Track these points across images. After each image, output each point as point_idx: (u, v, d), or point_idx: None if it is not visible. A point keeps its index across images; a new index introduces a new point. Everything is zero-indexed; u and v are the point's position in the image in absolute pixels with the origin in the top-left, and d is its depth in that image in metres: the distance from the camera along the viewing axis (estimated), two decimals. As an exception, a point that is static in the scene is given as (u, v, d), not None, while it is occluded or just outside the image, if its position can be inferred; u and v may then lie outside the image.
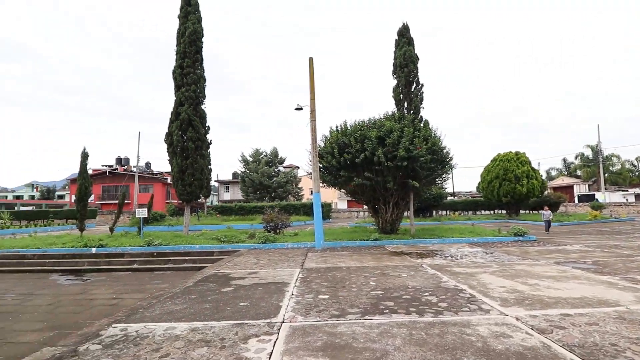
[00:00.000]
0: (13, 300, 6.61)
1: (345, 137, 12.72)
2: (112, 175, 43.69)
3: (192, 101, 14.17)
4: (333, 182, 14.08)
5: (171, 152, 14.29)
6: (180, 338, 3.55)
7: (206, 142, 14.74)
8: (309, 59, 12.72)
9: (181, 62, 14.40)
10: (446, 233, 13.53)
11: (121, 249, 11.07)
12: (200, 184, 14.29)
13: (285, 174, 43.18)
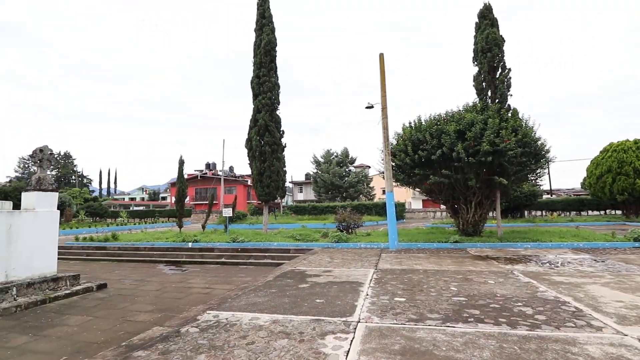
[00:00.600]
0: (130, 285, 7.85)
1: (419, 133, 12.21)
2: (203, 178, 48.91)
3: (268, 108, 15.11)
4: (407, 181, 13.63)
5: (251, 156, 15.44)
6: (264, 328, 3.85)
7: (281, 145, 15.57)
8: (379, 55, 12.54)
9: (258, 72, 15.46)
10: (542, 236, 12.02)
11: (211, 244, 12.34)
12: (277, 185, 15.15)
13: (356, 173, 43.17)
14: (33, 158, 7.37)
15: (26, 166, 61.29)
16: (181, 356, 3.17)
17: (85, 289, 7.12)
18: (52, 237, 7.14)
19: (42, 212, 6.96)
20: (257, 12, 15.88)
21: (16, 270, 6.38)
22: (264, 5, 15.77)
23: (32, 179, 7.23)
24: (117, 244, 13.51)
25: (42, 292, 6.55)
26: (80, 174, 69.34)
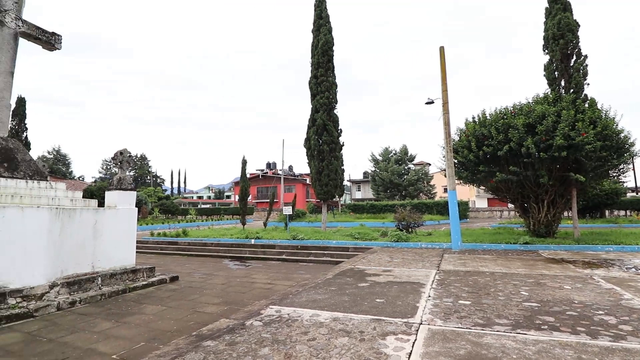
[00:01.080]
0: (199, 278, 8.44)
1: (484, 128, 11.33)
2: (264, 178, 51.13)
3: (326, 107, 15.21)
4: (470, 178, 12.75)
5: (309, 156, 15.69)
6: (324, 325, 3.83)
7: (339, 144, 15.58)
8: (440, 48, 11.89)
9: (315, 72, 15.65)
10: (626, 238, 10.45)
11: (272, 242, 12.79)
12: (335, 183, 15.19)
13: (416, 171, 41.64)
14: (114, 160, 8.26)
15: (108, 167, 69.81)
16: (246, 348, 3.27)
17: (159, 281, 7.81)
18: (131, 232, 7.95)
19: (122, 210, 7.79)
20: (314, 13, 16.09)
21: (101, 262, 7.21)
22: (320, 6, 15.93)
23: (113, 179, 8.12)
24: (187, 239, 14.67)
25: (123, 283, 7.32)
26: (154, 174, 76.93)
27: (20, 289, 5.66)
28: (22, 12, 7.31)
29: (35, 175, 7.08)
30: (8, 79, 7.02)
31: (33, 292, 5.78)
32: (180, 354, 3.22)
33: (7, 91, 7.02)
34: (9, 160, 6.76)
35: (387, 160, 42.78)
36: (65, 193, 7.22)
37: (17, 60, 7.24)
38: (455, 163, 12.22)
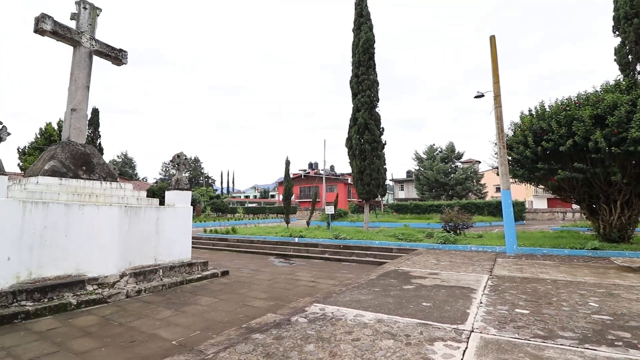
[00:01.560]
0: (247, 274, 8.83)
1: (542, 121, 10.50)
2: (306, 177, 51.94)
3: (367, 106, 15.09)
4: (527, 176, 11.89)
5: (351, 155, 15.67)
6: (368, 326, 3.83)
7: (381, 143, 15.37)
8: (490, 38, 11.24)
9: (356, 71, 15.59)
10: None
11: (315, 240, 12.97)
12: (377, 183, 15.02)
13: (464, 169, 39.70)
14: (172, 162, 8.92)
15: (167, 169, 75.19)
16: (292, 343, 3.39)
17: (212, 275, 8.30)
18: (187, 228, 8.53)
19: (180, 208, 8.38)
20: (354, 12, 16.03)
21: (162, 256, 7.83)
22: (361, 4, 15.83)
23: (172, 180, 8.77)
24: (235, 236, 15.38)
25: (180, 275, 7.89)
26: (206, 175, 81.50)
27: (96, 277, 6.36)
28: (95, 32, 8.17)
29: (107, 177, 7.89)
30: (85, 92, 7.89)
31: (106, 280, 6.46)
32: (232, 344, 3.42)
33: (84, 103, 7.90)
34: (86, 164, 7.61)
35: (432, 159, 41.27)
36: (132, 193, 7.96)
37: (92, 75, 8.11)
38: (510, 160, 11.48)
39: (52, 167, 6.98)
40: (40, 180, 6.64)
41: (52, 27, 7.26)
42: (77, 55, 7.84)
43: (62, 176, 7.00)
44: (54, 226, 6.09)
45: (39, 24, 7.14)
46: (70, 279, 6.08)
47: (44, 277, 5.91)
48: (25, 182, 6.73)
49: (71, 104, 7.74)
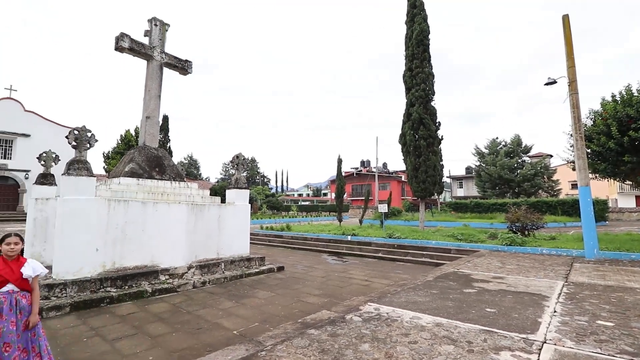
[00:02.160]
0: (301, 270, 9.03)
1: (629, 107, 9.22)
2: (358, 175, 51.60)
3: (422, 100, 14.52)
4: (610, 171, 10.53)
5: (405, 152, 15.20)
6: (426, 329, 3.69)
7: (437, 138, 14.69)
8: (563, 17, 10.10)
9: (410, 64, 15.06)
10: None
11: (368, 239, 12.84)
12: (433, 180, 14.38)
13: (532, 165, 36.28)
14: (232, 163, 9.42)
15: (227, 170, 79.85)
16: (347, 341, 3.39)
17: (268, 270, 8.63)
18: (246, 225, 8.96)
19: (239, 205, 8.83)
20: (407, 4, 15.49)
21: (223, 250, 8.32)
22: (414, -6, 15.23)
23: (232, 179, 9.27)
24: (290, 233, 15.82)
25: (240, 269, 8.32)
26: (262, 174, 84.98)
27: (168, 268, 6.99)
28: (164, 46, 8.93)
29: (176, 177, 8.61)
30: (157, 101, 8.69)
31: (176, 271, 7.06)
32: (288, 338, 3.52)
33: (156, 111, 8.71)
34: (159, 166, 8.39)
35: (495, 153, 38.33)
36: (197, 191, 8.59)
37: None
38: (589, 153, 10.27)
39: (131, 169, 7.80)
40: (122, 180, 7.45)
41: (129, 45, 8.09)
42: (150, 68, 8.65)
43: (139, 177, 7.79)
44: (133, 221, 6.82)
45: (118, 42, 8.00)
46: (146, 269, 6.76)
47: (125, 267, 6.64)
48: (110, 183, 7.60)
49: (146, 112, 8.57)
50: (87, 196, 6.25)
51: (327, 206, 44.98)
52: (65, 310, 5.28)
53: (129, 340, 4.25)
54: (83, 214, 6.13)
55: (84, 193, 6.21)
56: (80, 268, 6.04)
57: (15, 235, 3.03)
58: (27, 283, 3.00)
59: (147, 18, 8.93)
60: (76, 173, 6.16)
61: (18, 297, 2.92)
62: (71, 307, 5.37)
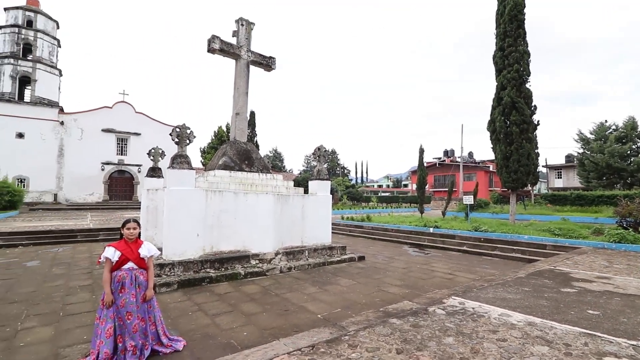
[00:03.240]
0: (382, 260, 9.11)
1: None
2: (441, 166, 48.90)
3: (514, 82, 13.13)
4: None
5: (494, 139, 13.99)
6: (516, 328, 3.52)
7: (532, 124, 13.17)
8: None
9: (501, 44, 13.69)
10: None
11: (452, 231, 12.26)
12: (527, 170, 12.99)
13: (655, 150, 29.81)
14: (314, 155, 9.86)
15: (308, 162, 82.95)
16: (430, 333, 3.44)
17: (349, 259, 8.91)
18: (327, 215, 9.36)
19: (321, 196, 9.26)
20: (498, -25, 14.02)
21: (307, 239, 8.84)
22: (505, -36, 13.71)
23: (314, 171, 9.73)
24: (370, 224, 15.93)
25: (322, 257, 8.76)
26: (342, 166, 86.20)
27: (257, 253, 7.76)
28: (251, 45, 9.67)
29: (263, 169, 9.41)
30: (245, 98, 9.53)
31: (265, 257, 7.81)
32: (370, 325, 3.71)
33: (244, 107, 9.57)
34: (248, 159, 9.27)
35: (603, 139, 32.40)
36: (282, 182, 9.27)
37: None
38: None
39: (224, 162, 8.78)
40: (217, 173, 8.43)
41: (219, 46, 8.92)
42: (238, 66, 9.46)
43: (231, 169, 8.71)
44: (227, 210, 7.65)
45: (210, 44, 8.84)
46: (239, 254, 7.60)
47: (221, 251, 7.54)
48: (206, 175, 8.66)
49: (235, 108, 9.46)
50: (189, 187, 7.14)
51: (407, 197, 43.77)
52: (173, 287, 6.15)
53: (226, 316, 4.83)
54: (185, 203, 7.03)
55: (185, 184, 7.09)
56: (185, 251, 6.97)
57: (134, 221, 3.61)
58: (144, 262, 3.56)
59: (235, 19, 9.59)
60: (179, 166, 7.05)
61: (137, 274, 3.48)
62: (178, 284, 6.23)
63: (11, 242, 10.93)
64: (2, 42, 28.81)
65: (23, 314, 4.82)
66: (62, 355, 3.56)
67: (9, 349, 3.70)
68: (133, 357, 3.29)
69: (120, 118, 32.44)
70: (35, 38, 29.54)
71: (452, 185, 17.29)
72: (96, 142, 31.18)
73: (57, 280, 6.72)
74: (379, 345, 3.17)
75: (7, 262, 8.43)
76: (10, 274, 7.20)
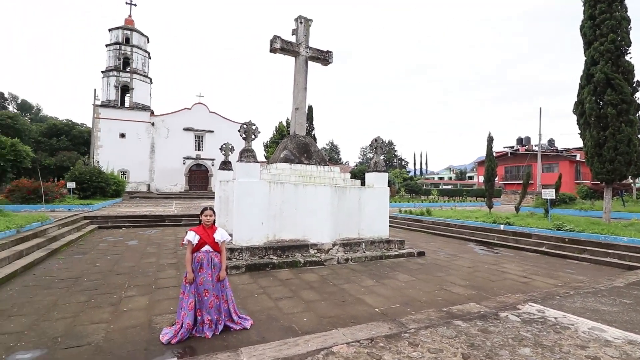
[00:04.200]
0: (444, 257, 8.55)
1: None
2: (514, 155, 44.56)
3: (609, 55, 11.22)
4: None
5: (582, 124, 12.17)
6: (612, 346, 2.96)
7: (633, 103, 11.16)
8: None
9: (591, 11, 11.78)
10: None
11: (527, 229, 11.03)
12: (627, 159, 11.08)
13: None
14: (371, 146, 9.57)
15: (364, 154, 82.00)
16: (502, 341, 3.05)
17: (408, 253, 8.51)
18: (384, 207, 9.04)
19: (378, 188, 8.96)
20: None
21: (363, 231, 8.64)
22: None
23: (370, 162, 9.44)
24: (430, 218, 15.11)
25: (379, 250, 8.49)
26: (399, 157, 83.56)
27: (316, 243, 7.80)
28: (309, 41, 9.67)
29: (321, 162, 9.41)
30: (303, 93, 9.59)
31: (323, 247, 7.81)
32: (432, 325, 3.42)
33: (303, 102, 9.63)
34: (307, 152, 9.34)
35: None
36: (339, 175, 9.18)
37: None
38: None
39: (285, 156, 8.94)
40: (278, 165, 8.64)
41: (280, 45, 9.10)
42: (297, 63, 9.55)
43: (291, 162, 8.86)
44: (287, 201, 7.85)
45: (272, 44, 9.09)
46: (298, 243, 7.72)
47: (282, 239, 7.75)
48: (269, 168, 8.92)
49: (295, 104, 9.58)
50: (254, 179, 7.54)
51: (473, 191, 40.82)
52: (241, 270, 6.58)
53: (287, 301, 4.97)
54: (251, 194, 7.43)
55: (251, 176, 7.51)
56: (251, 237, 7.38)
57: (210, 208, 3.99)
58: (218, 246, 3.90)
59: (294, 17, 9.78)
60: (246, 160, 7.50)
61: (212, 256, 3.85)
62: (245, 268, 6.64)
63: (118, 224, 13.33)
64: (108, 58, 34.54)
65: (125, 284, 5.67)
66: (154, 322, 4.08)
67: (116, 313, 4.38)
68: (209, 329, 3.67)
69: (197, 118, 36.65)
70: (131, 52, 34.74)
71: (528, 177, 15.52)
72: (179, 139, 35.80)
73: (150, 258, 7.79)
74: (442, 347, 2.91)
75: (114, 240, 10.20)
76: (117, 250, 8.64)
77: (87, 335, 3.67)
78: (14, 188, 16.27)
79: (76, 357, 3.20)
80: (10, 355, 3.20)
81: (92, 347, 3.41)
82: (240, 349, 2.96)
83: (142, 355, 3.25)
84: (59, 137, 36.73)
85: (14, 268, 6.16)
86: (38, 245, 7.92)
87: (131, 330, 3.84)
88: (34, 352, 3.27)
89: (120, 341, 3.55)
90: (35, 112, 55.62)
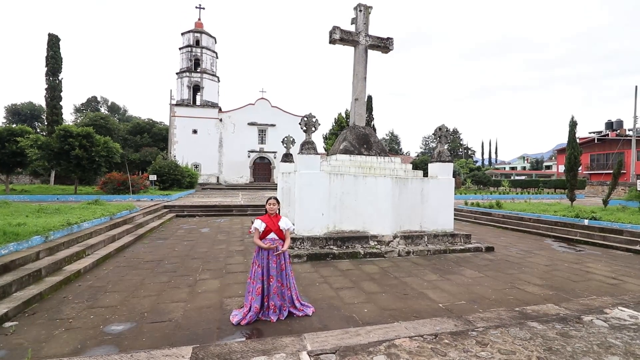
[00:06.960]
0: (516, 254, 7.94)
1: None
2: (602, 142, 39.17)
3: None
4: None
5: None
6: None
7: None
8: None
9: None
10: None
11: (618, 225, 9.71)
12: None
13: None
14: (434, 135, 9.17)
15: (426, 143, 78.39)
16: (585, 347, 2.80)
17: (475, 248, 8.07)
18: (449, 200, 8.65)
19: (442, 179, 8.59)
20: None
21: (426, 224, 8.38)
22: None
23: (434, 152, 9.06)
24: (501, 211, 14.05)
25: (443, 244, 8.18)
26: (465, 146, 78.33)
27: (376, 235, 7.79)
28: (368, 29, 9.50)
29: (381, 152, 9.30)
30: (363, 83, 9.50)
31: (383, 239, 7.78)
32: (503, 325, 3.26)
33: (363, 93, 9.55)
34: (366, 143, 9.30)
35: None
36: (400, 165, 8.99)
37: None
38: None
39: (345, 147, 9.00)
40: (338, 157, 8.73)
41: (340, 36, 9.06)
42: (356, 53, 9.45)
43: (351, 154, 8.89)
44: (347, 192, 7.93)
45: (331, 35, 9.08)
46: (358, 234, 7.77)
47: (342, 230, 7.87)
48: (329, 159, 9.06)
49: (354, 94, 9.53)
50: (315, 170, 7.73)
51: (551, 182, 36.81)
52: (303, 259, 6.84)
53: (348, 291, 5.07)
54: (312, 185, 7.65)
55: (312, 168, 7.71)
56: (312, 228, 7.62)
57: (274, 198, 4.22)
58: (282, 233, 4.13)
59: (353, 6, 9.62)
60: (306, 152, 7.70)
61: (277, 244, 4.07)
62: (307, 257, 6.89)
63: (192, 214, 14.87)
64: (181, 60, 37.88)
65: (200, 268, 6.29)
66: (225, 304, 4.49)
67: (192, 294, 4.86)
68: (274, 314, 3.92)
69: (260, 112, 38.76)
70: (201, 54, 37.56)
71: (620, 166, 13.51)
72: (243, 134, 38.24)
73: (220, 245, 8.51)
74: (515, 349, 2.77)
75: (189, 228, 11.27)
76: (192, 237, 9.59)
77: (169, 312, 4.15)
78: (107, 180, 18.88)
79: (160, 331, 3.65)
80: (107, 326, 3.76)
81: (173, 323, 3.85)
82: (303, 335, 3.12)
83: (216, 334, 3.59)
84: (142, 135, 41.42)
85: (108, 250, 7.17)
86: (127, 231, 9.09)
87: (205, 310, 4.25)
88: (125, 324, 3.80)
89: (196, 319, 3.95)
90: (122, 113, 63.00)
